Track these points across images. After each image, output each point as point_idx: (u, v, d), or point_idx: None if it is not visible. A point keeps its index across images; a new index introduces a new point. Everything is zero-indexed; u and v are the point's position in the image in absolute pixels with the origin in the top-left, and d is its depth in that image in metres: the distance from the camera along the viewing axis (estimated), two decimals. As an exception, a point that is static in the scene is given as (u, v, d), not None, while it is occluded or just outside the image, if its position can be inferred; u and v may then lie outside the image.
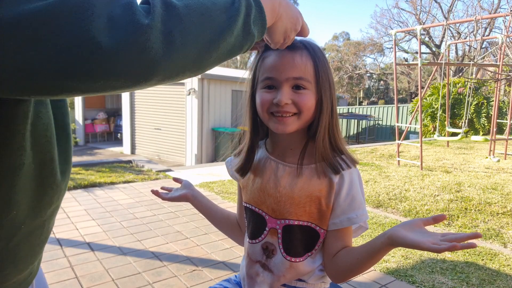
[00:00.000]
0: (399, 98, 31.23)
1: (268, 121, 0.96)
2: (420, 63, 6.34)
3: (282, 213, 1.03)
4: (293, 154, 1.02)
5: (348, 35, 40.53)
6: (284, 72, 0.92)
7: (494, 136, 7.33)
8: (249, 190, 1.09)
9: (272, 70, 0.94)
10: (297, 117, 0.94)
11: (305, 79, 0.93)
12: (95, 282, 2.45)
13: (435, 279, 2.60)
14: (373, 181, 5.33)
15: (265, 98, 0.94)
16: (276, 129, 0.95)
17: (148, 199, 4.37)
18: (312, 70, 0.94)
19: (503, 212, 4.03)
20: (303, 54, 0.93)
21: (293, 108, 0.93)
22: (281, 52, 0.93)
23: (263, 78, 0.95)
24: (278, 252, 1.05)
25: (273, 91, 0.94)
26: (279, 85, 0.93)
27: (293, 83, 0.93)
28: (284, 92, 0.92)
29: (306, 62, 0.93)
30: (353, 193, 0.97)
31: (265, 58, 0.96)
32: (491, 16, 11.64)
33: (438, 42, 23.27)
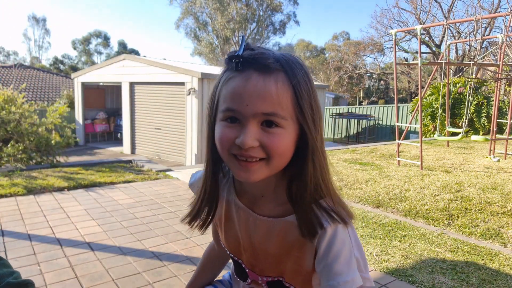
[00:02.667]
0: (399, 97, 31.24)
1: (229, 164, 0.75)
2: (420, 63, 6.34)
3: (262, 270, 0.88)
4: (265, 202, 0.82)
5: (348, 35, 40.53)
6: (252, 104, 0.68)
7: (494, 136, 7.33)
8: (223, 233, 0.92)
9: (235, 99, 0.69)
10: (265, 162, 0.71)
11: (279, 115, 0.68)
12: (95, 282, 2.45)
13: (435, 278, 2.60)
14: (373, 181, 5.33)
15: (225, 136, 0.71)
16: (238, 176, 0.74)
17: (148, 199, 4.37)
18: (290, 101, 0.69)
19: (503, 212, 4.03)
20: (279, 80, 0.69)
21: (260, 152, 0.70)
22: (248, 75, 0.69)
23: (223, 108, 0.72)
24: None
25: (236, 126, 0.70)
26: (244, 121, 0.69)
27: (263, 119, 0.69)
28: (250, 131, 0.68)
29: (282, 90, 0.68)
30: (333, 256, 0.74)
31: (228, 80, 0.72)
32: (491, 15, 11.63)
33: (438, 42, 23.26)
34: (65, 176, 5.31)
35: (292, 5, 38.05)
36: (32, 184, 4.69)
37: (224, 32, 34.61)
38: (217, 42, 36.36)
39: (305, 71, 0.73)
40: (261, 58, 0.69)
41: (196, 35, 37.08)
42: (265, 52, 0.71)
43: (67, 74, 29.70)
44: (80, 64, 47.20)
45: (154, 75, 12.21)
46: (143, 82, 12.82)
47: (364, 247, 3.15)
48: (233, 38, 35.43)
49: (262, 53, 0.70)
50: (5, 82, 18.73)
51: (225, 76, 0.73)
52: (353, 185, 5.09)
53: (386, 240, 3.30)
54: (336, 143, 16.77)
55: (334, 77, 32.80)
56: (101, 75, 14.34)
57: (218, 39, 36.05)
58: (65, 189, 4.67)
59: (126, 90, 13.31)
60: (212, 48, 36.70)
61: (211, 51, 36.73)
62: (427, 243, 3.23)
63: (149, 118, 12.84)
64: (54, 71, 34.22)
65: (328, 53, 39.13)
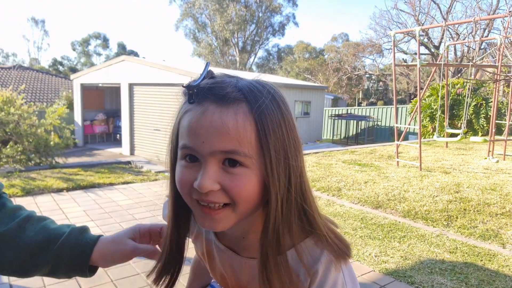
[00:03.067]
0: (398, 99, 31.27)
1: (193, 210, 0.65)
2: (419, 64, 6.35)
3: None
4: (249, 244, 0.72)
5: (347, 36, 40.61)
6: (208, 142, 0.59)
7: (493, 137, 7.34)
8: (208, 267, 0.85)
9: (191, 135, 0.60)
10: (231, 209, 0.61)
11: (241, 152, 0.58)
12: (94, 283, 2.45)
13: (434, 279, 2.60)
14: (372, 182, 5.33)
15: (183, 177, 0.62)
16: (203, 226, 0.64)
17: (147, 200, 4.36)
18: (253, 136, 0.59)
19: (502, 212, 4.04)
20: (239, 112, 0.59)
21: (222, 196, 0.60)
22: (205, 107, 0.60)
23: (181, 145, 0.63)
24: None
25: (195, 166, 0.61)
26: (203, 160, 0.60)
27: (223, 158, 0.59)
28: (208, 172, 0.59)
29: (242, 124, 0.58)
30: None
31: (186, 112, 0.63)
32: (490, 17, 11.67)
33: (437, 43, 23.30)
34: (64, 177, 5.31)
35: (291, 6, 38.19)
36: (30, 185, 4.68)
37: (223, 34, 34.66)
38: (216, 43, 36.41)
39: (275, 99, 0.62)
40: (219, 88, 0.60)
41: (195, 37, 37.14)
42: (226, 80, 0.62)
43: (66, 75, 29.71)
44: (79, 66, 47.23)
45: (153, 76, 12.22)
46: (142, 84, 12.83)
47: (363, 248, 3.16)
48: (232, 39, 35.49)
49: (221, 81, 0.62)
50: (4, 83, 18.73)
51: (183, 109, 0.64)
52: (352, 186, 5.10)
53: (385, 241, 3.30)
54: (335, 144, 16.78)
55: (333, 78, 32.84)
56: (100, 76, 14.34)
57: (217, 40, 36.10)
58: (64, 190, 4.66)
59: (125, 91, 13.32)
60: (212, 50, 36.75)
61: (210, 52, 36.77)
62: (426, 244, 3.23)
63: (148, 119, 12.84)
64: (53, 72, 34.23)
65: (327, 55, 39.19)
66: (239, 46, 36.22)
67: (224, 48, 36.30)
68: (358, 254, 3.03)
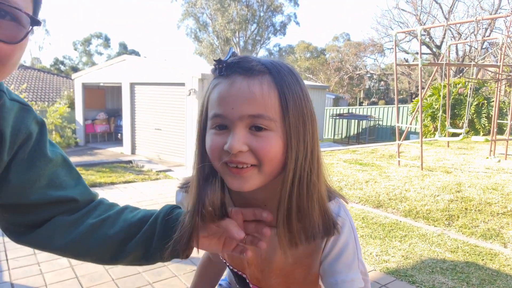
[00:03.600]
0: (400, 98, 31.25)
1: (222, 174, 0.72)
2: (421, 64, 6.34)
3: (268, 284, 0.86)
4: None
5: (348, 36, 40.55)
6: (237, 107, 0.66)
7: (495, 137, 7.33)
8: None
9: (221, 104, 0.68)
10: (257, 169, 0.68)
11: (266, 116, 0.66)
12: (95, 282, 2.45)
13: (435, 279, 2.60)
14: (374, 181, 5.33)
15: (215, 143, 0.69)
16: (232, 185, 0.70)
17: (148, 199, 4.37)
18: (277, 103, 0.67)
19: (504, 212, 4.03)
20: (264, 81, 0.67)
21: (250, 157, 0.67)
22: (233, 79, 0.68)
23: (211, 115, 0.70)
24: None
25: (225, 133, 0.68)
26: (232, 125, 0.67)
27: (250, 123, 0.66)
28: (237, 135, 0.66)
29: (267, 92, 0.66)
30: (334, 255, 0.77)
31: (215, 87, 0.71)
32: (492, 17, 11.64)
33: (439, 43, 23.26)
34: (65, 176, 5.31)
35: (293, 6, 38.18)
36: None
37: (224, 33, 34.66)
38: (218, 43, 36.40)
39: (294, 74, 0.71)
40: (245, 62, 0.69)
41: (196, 36, 37.13)
42: (250, 57, 0.71)
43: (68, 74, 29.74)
44: (81, 65, 47.28)
45: (155, 76, 12.23)
46: (143, 83, 12.84)
47: (364, 247, 3.15)
48: (233, 39, 35.48)
49: (246, 57, 0.70)
50: (5, 82, 18.69)
51: (212, 84, 0.72)
52: (353, 186, 5.09)
53: (386, 240, 3.30)
54: (336, 143, 16.77)
55: (334, 77, 32.82)
56: (101, 75, 14.35)
57: (218, 40, 36.09)
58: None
59: (127, 90, 13.33)
60: (213, 49, 36.74)
61: (211, 51, 36.76)
62: (427, 244, 3.23)
63: (149, 119, 12.85)
64: (54, 71, 34.27)
65: (328, 54, 39.14)
66: (241, 46, 36.22)
67: (226, 47, 36.27)
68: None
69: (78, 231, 0.81)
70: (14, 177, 0.74)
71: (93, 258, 0.83)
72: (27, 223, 0.80)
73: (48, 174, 0.80)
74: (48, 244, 0.80)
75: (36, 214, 0.79)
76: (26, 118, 0.77)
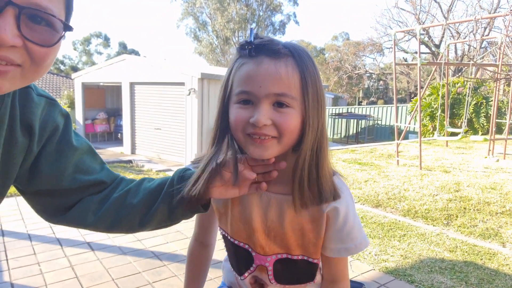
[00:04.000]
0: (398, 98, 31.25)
1: (244, 143, 0.80)
2: (420, 63, 6.35)
3: (272, 249, 0.92)
4: (278, 181, 0.86)
5: (347, 35, 40.56)
6: (264, 86, 0.74)
7: (493, 136, 7.34)
8: (229, 220, 0.94)
9: (249, 82, 0.76)
10: (277, 140, 0.77)
11: (289, 95, 0.75)
12: (95, 282, 2.46)
13: (434, 278, 2.61)
14: (372, 181, 5.34)
15: (240, 116, 0.77)
16: (253, 153, 0.78)
17: (148, 199, 4.38)
18: (298, 83, 0.76)
19: (502, 211, 4.04)
20: (289, 64, 0.76)
21: (273, 130, 0.76)
22: (260, 60, 0.76)
23: (238, 91, 0.78)
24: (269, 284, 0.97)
25: (249, 107, 0.77)
26: (257, 101, 0.75)
27: (275, 100, 0.75)
28: (263, 110, 0.74)
29: (291, 74, 0.75)
30: (350, 221, 0.86)
31: (241, 66, 0.78)
32: (491, 16, 11.64)
33: (438, 42, 23.28)
34: (65, 176, 5.32)
35: (292, 5, 38.14)
36: (32, 184, 4.70)
37: (224, 32, 34.63)
38: (217, 42, 36.37)
39: (311, 59, 0.80)
40: (272, 44, 0.77)
41: (196, 35, 37.10)
42: (274, 40, 0.78)
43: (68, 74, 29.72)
44: (81, 65, 47.21)
45: (154, 75, 12.22)
46: (143, 82, 12.83)
47: (363, 246, 3.17)
48: (233, 38, 35.44)
49: (271, 40, 0.78)
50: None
51: (237, 63, 0.80)
52: (352, 185, 5.10)
53: (385, 239, 3.31)
54: (335, 143, 16.78)
55: (333, 77, 32.82)
56: (101, 75, 14.35)
57: (218, 39, 36.06)
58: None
59: (127, 90, 13.33)
60: (212, 48, 36.70)
61: (211, 51, 36.73)
62: (426, 243, 3.24)
63: (149, 118, 12.85)
64: (54, 71, 34.23)
65: (327, 54, 39.13)
66: (240, 45, 36.13)
67: (225, 46, 36.26)
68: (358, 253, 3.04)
69: (106, 206, 0.90)
70: (45, 167, 0.82)
71: (124, 228, 0.92)
72: (61, 206, 0.88)
73: (75, 161, 0.88)
74: (82, 222, 0.89)
75: (69, 198, 0.88)
76: (52, 112, 0.84)
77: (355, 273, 2.70)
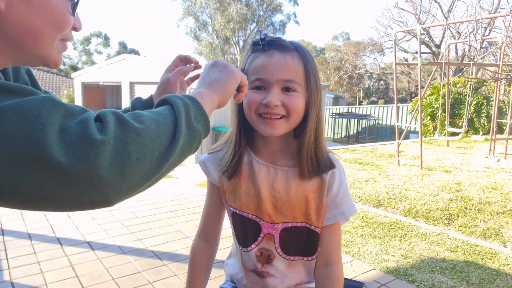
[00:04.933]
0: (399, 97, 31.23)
1: (256, 123, 0.95)
2: (420, 63, 6.34)
3: (279, 217, 1.02)
4: (283, 157, 1.01)
5: (348, 35, 40.53)
6: (275, 73, 0.90)
7: (494, 136, 7.33)
8: (238, 195, 1.05)
9: (262, 70, 0.92)
10: (285, 120, 0.93)
11: (296, 81, 0.91)
12: (95, 281, 2.45)
13: (435, 278, 2.61)
14: (373, 181, 5.33)
15: (253, 99, 0.93)
16: (264, 131, 0.93)
17: (148, 198, 4.37)
18: (302, 73, 0.92)
19: (503, 211, 4.04)
20: (294, 56, 0.92)
21: (282, 110, 0.91)
22: (271, 53, 0.92)
23: (253, 79, 0.93)
24: (276, 255, 1.04)
25: (262, 92, 0.92)
26: (269, 86, 0.91)
27: (283, 85, 0.91)
28: (274, 93, 0.90)
29: (297, 64, 0.92)
30: (344, 188, 1.01)
31: (255, 58, 0.94)
32: (491, 16, 11.64)
33: (438, 42, 23.26)
34: (65, 175, 5.31)
35: (292, 5, 38.09)
36: (32, 184, 4.69)
37: (224, 32, 34.60)
38: (217, 42, 36.35)
39: (311, 55, 0.97)
40: (280, 40, 0.93)
41: (196, 35, 37.07)
42: (282, 37, 0.95)
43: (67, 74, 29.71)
44: (80, 64, 47.21)
45: (154, 75, 12.22)
46: (143, 82, 12.82)
47: (364, 246, 3.16)
48: (233, 38, 35.43)
49: (280, 38, 0.94)
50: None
51: (252, 56, 0.96)
52: (353, 185, 5.10)
53: (386, 239, 3.30)
54: (336, 142, 16.77)
55: (334, 77, 32.81)
56: (101, 74, 14.34)
57: (218, 39, 36.04)
58: (65, 188, 4.68)
59: (126, 89, 13.32)
60: (212, 48, 36.68)
61: (211, 51, 36.71)
62: (427, 243, 3.24)
63: (149, 118, 12.83)
64: (54, 70, 34.22)
65: (328, 53, 39.11)
66: (240, 45, 36.18)
67: (225, 46, 36.25)
68: (359, 252, 3.03)
69: None
70: None
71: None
72: None
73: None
74: None
75: None
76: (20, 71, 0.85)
77: (355, 272, 2.69)
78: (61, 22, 0.65)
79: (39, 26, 0.62)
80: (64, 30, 0.67)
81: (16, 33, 0.61)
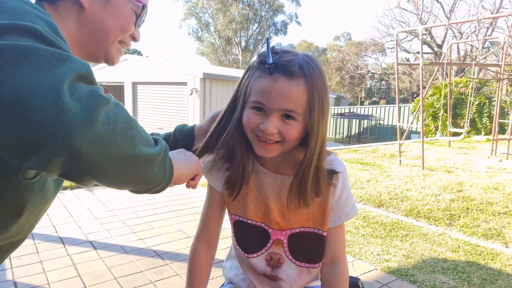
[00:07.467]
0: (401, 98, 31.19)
1: (252, 141, 0.95)
2: (422, 63, 6.34)
3: (287, 224, 1.04)
4: (287, 166, 1.02)
5: (349, 35, 40.51)
6: (277, 101, 0.87)
7: (496, 136, 7.32)
8: (246, 204, 1.05)
9: (264, 95, 0.88)
10: (280, 144, 0.92)
11: (296, 112, 0.88)
12: (98, 281, 2.46)
13: (436, 278, 2.61)
14: (375, 181, 5.33)
15: (252, 120, 0.91)
16: (259, 153, 0.94)
17: (150, 198, 4.38)
18: (305, 102, 0.88)
19: (505, 212, 4.03)
20: (300, 84, 0.87)
21: (278, 136, 0.90)
22: (277, 77, 0.86)
23: (253, 100, 0.90)
24: (285, 259, 1.07)
25: (261, 114, 0.90)
26: (269, 112, 0.89)
27: (283, 113, 0.88)
28: (272, 121, 0.88)
29: (301, 93, 0.87)
30: (347, 189, 1.03)
31: (259, 78, 0.90)
32: (493, 16, 11.61)
33: (440, 42, 23.22)
34: (67, 175, 5.33)
35: (294, 5, 38.10)
36: (34, 184, 4.71)
37: (226, 33, 34.64)
38: (219, 42, 36.38)
39: (321, 73, 0.90)
40: (288, 66, 0.86)
41: (198, 36, 37.11)
42: (291, 60, 0.88)
43: (69, 74, 29.66)
44: (82, 64, 47.25)
45: (157, 75, 12.24)
46: (145, 82, 12.85)
47: (365, 246, 3.16)
48: (235, 38, 35.46)
49: (289, 61, 0.87)
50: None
51: (256, 74, 0.91)
52: (354, 185, 5.10)
53: (387, 239, 3.30)
54: (337, 143, 16.76)
55: (335, 77, 32.79)
56: (104, 75, 14.37)
57: (220, 39, 36.07)
58: (67, 188, 4.69)
59: (129, 90, 13.35)
60: (215, 48, 36.72)
61: (213, 51, 36.75)
62: (428, 243, 3.24)
63: (151, 118, 12.86)
64: (56, 71, 34.24)
65: (329, 54, 39.10)
66: (242, 45, 36.20)
67: (227, 47, 36.29)
68: (360, 252, 3.03)
69: None
70: None
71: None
72: None
73: None
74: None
75: None
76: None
77: (357, 273, 2.69)
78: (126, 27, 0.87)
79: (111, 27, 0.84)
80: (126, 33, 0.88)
81: (93, 27, 0.82)
